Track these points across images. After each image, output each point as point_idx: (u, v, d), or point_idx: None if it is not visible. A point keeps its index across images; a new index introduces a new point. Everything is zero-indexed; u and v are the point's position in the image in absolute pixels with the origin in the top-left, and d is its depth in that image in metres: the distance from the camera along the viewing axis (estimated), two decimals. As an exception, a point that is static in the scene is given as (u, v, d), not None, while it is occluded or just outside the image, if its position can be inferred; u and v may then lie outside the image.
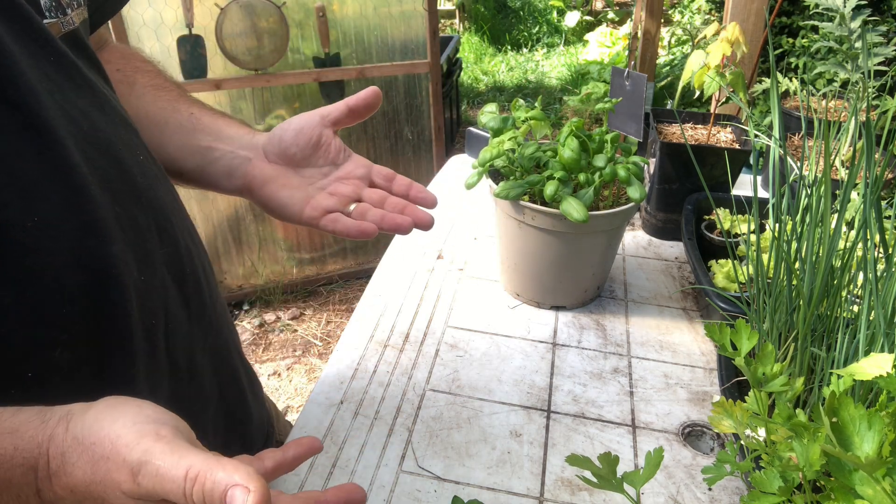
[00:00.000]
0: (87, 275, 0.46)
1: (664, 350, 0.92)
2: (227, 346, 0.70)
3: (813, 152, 0.72)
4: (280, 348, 2.56)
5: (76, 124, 0.48)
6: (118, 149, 0.52)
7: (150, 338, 0.53)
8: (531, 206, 0.87)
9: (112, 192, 0.50)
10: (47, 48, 0.48)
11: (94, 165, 0.48)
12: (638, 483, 0.54)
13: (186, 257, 0.60)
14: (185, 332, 0.59)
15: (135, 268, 0.51)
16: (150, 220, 0.55)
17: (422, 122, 2.66)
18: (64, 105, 0.48)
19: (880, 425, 0.41)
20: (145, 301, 0.52)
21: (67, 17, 0.52)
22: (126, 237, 0.50)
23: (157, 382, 0.55)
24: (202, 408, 0.64)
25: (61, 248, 0.45)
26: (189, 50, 2.16)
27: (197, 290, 0.62)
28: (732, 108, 1.74)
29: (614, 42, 5.63)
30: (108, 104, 0.54)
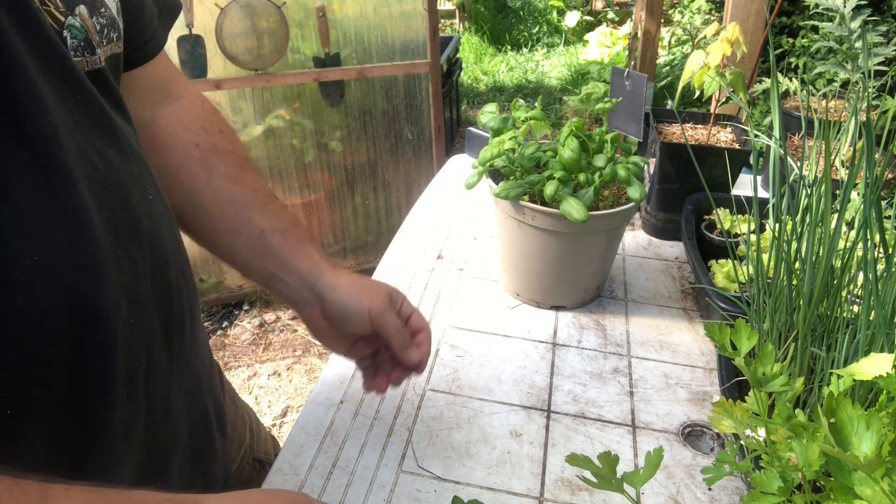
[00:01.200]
0: (77, 316, 0.46)
1: (664, 350, 0.92)
2: (201, 386, 0.70)
3: (813, 152, 0.72)
4: (280, 348, 2.56)
5: (92, 164, 0.48)
6: (129, 189, 0.53)
7: (132, 380, 0.53)
8: (531, 206, 0.87)
9: (117, 233, 0.50)
10: (75, 86, 0.48)
11: (104, 206, 0.49)
12: (638, 483, 0.54)
13: (176, 299, 0.60)
14: (164, 374, 0.59)
15: (125, 311, 0.51)
16: (148, 262, 0.55)
17: (422, 122, 2.66)
18: (82, 144, 0.48)
19: (878, 426, 0.41)
20: (132, 343, 0.52)
21: (95, 57, 0.53)
22: (122, 280, 0.50)
23: (132, 424, 0.55)
24: (173, 448, 0.64)
25: (54, 287, 0.44)
26: (189, 50, 2.16)
27: (180, 333, 0.61)
28: (732, 108, 1.74)
29: (614, 42, 5.63)
30: (125, 143, 0.54)
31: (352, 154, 2.62)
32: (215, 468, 0.73)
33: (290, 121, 2.46)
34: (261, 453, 0.91)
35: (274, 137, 2.46)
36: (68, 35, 0.49)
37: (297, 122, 2.47)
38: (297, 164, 2.55)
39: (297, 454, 0.74)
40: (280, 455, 0.74)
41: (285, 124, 2.46)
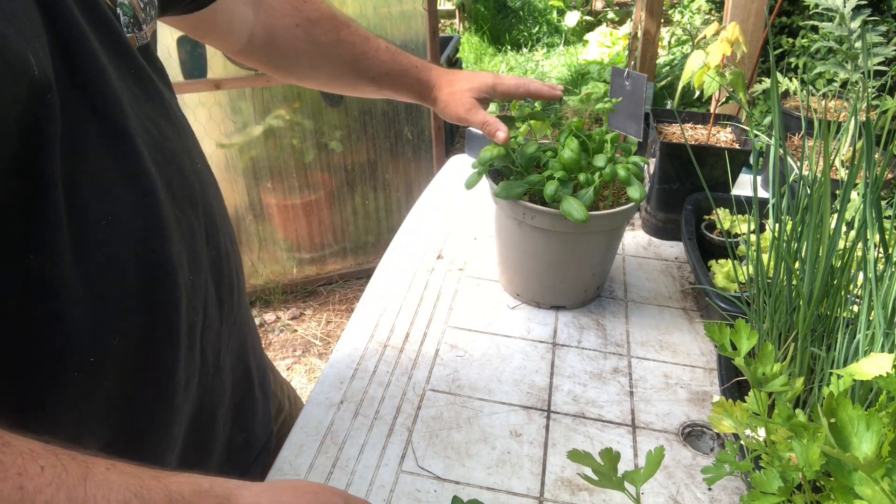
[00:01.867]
0: (148, 271, 0.50)
1: (664, 350, 0.92)
2: (245, 345, 0.74)
3: (813, 152, 0.72)
4: (280, 348, 2.56)
5: (149, 133, 0.52)
6: (181, 156, 0.57)
7: (191, 333, 0.57)
8: (531, 206, 0.87)
9: (174, 196, 0.54)
10: (129, 61, 0.52)
11: (162, 171, 0.53)
12: (638, 482, 0.54)
13: (226, 261, 0.64)
14: (216, 330, 0.63)
15: (187, 268, 0.55)
16: (202, 224, 0.59)
17: (422, 122, 2.66)
18: (140, 115, 0.52)
19: (878, 426, 0.41)
20: (192, 299, 0.56)
21: (142, 32, 0.56)
22: (182, 239, 0.54)
23: (191, 375, 0.59)
24: (220, 401, 0.67)
25: (128, 245, 0.48)
26: (189, 50, 2.16)
27: (230, 292, 0.66)
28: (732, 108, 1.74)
29: (614, 42, 5.63)
30: (174, 115, 0.59)
31: (352, 154, 2.62)
32: (256, 427, 0.78)
33: (290, 121, 2.46)
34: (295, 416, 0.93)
35: (274, 137, 2.46)
36: (121, 13, 0.53)
37: (297, 122, 2.47)
38: (297, 164, 2.54)
39: (297, 454, 0.74)
40: (280, 455, 0.74)
41: (285, 124, 2.46)
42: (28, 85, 0.40)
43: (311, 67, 0.88)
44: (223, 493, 0.44)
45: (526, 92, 0.92)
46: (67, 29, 0.45)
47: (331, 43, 0.86)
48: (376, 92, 0.93)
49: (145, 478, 0.41)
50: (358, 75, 0.89)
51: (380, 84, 0.91)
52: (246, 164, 2.47)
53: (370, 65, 0.89)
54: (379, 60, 0.89)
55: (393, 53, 0.90)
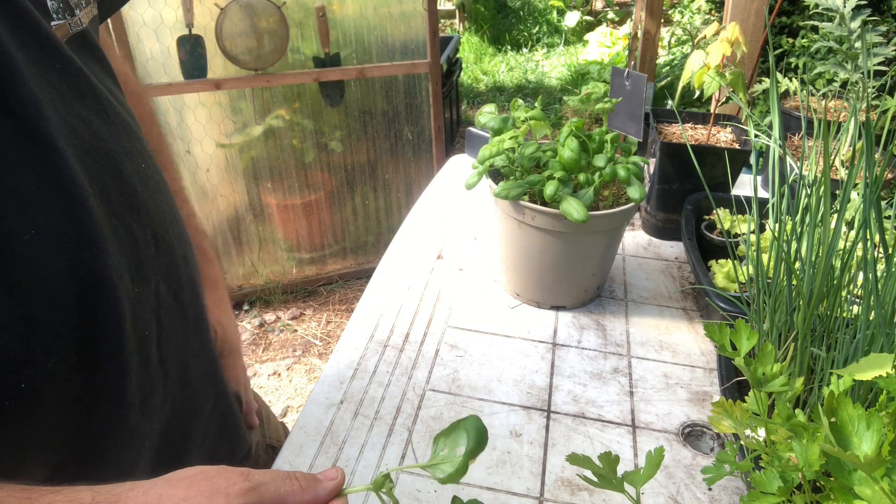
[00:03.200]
0: (82, 286, 0.46)
1: (664, 350, 0.92)
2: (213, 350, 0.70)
3: (813, 152, 0.72)
4: (280, 348, 2.56)
5: (78, 135, 0.48)
6: (119, 158, 0.53)
7: (143, 348, 0.53)
8: (531, 206, 0.87)
9: (110, 203, 0.50)
10: (53, 55, 0.48)
11: (93, 177, 0.49)
12: (638, 483, 0.54)
13: (182, 266, 0.60)
14: (179, 342, 0.59)
15: (129, 279, 0.51)
16: (147, 230, 0.55)
17: (422, 122, 2.66)
18: (66, 115, 0.47)
19: (879, 425, 0.41)
20: (138, 312, 0.52)
21: (76, 18, 0.52)
22: (122, 249, 0.51)
23: (149, 391, 0.55)
24: (194, 414, 0.64)
25: (57, 259, 0.45)
26: (189, 50, 2.16)
27: (194, 299, 0.62)
28: (732, 108, 1.74)
29: (614, 42, 5.63)
30: (112, 111, 0.54)
31: (352, 154, 2.62)
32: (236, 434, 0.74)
33: (290, 121, 2.46)
34: (272, 439, 0.91)
35: (274, 137, 2.46)
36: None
37: (297, 122, 2.47)
38: (297, 164, 2.54)
39: (297, 454, 0.74)
40: (280, 455, 0.74)
41: (285, 124, 2.46)
42: None
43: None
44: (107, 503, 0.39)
45: None
46: None
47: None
48: None
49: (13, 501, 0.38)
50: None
51: None
52: (246, 164, 2.47)
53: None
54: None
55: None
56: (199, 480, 0.41)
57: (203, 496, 0.40)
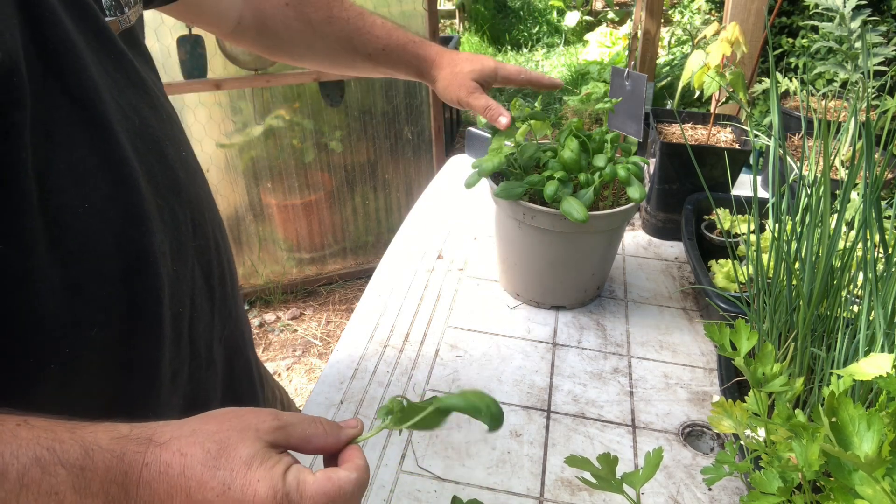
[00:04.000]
0: (127, 261, 0.49)
1: (664, 350, 0.92)
2: (244, 337, 0.73)
3: (813, 152, 0.72)
4: (280, 348, 2.56)
5: (129, 120, 0.51)
6: (164, 145, 0.56)
7: (177, 325, 0.56)
8: (531, 206, 0.87)
9: (156, 185, 0.53)
10: (109, 46, 0.51)
11: (142, 159, 0.51)
12: (637, 483, 0.54)
13: (214, 251, 0.63)
14: (207, 322, 0.62)
15: (170, 258, 0.54)
16: (187, 213, 0.58)
17: (422, 122, 2.66)
18: (120, 101, 0.51)
19: (879, 425, 0.41)
20: (175, 290, 0.55)
21: (125, 16, 0.55)
22: (165, 228, 0.53)
23: (178, 367, 0.58)
24: (214, 395, 0.66)
25: (107, 234, 0.47)
26: (189, 50, 2.16)
27: (221, 283, 0.65)
28: (732, 108, 1.74)
29: (614, 42, 5.63)
30: (157, 101, 0.57)
31: (352, 154, 2.62)
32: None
33: (290, 121, 2.46)
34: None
35: (274, 137, 2.46)
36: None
37: (297, 122, 2.47)
38: (297, 164, 2.54)
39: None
40: (280, 455, 0.74)
41: (285, 124, 2.46)
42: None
43: (304, 47, 0.86)
44: (144, 435, 0.41)
45: (527, 80, 0.90)
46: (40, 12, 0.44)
47: (323, 21, 0.84)
48: (373, 69, 0.90)
49: (59, 431, 0.39)
50: (353, 52, 0.87)
51: (377, 61, 0.88)
52: (246, 164, 2.47)
53: (366, 41, 0.86)
54: (374, 36, 0.87)
55: (389, 29, 0.88)
56: (230, 417, 0.43)
57: (235, 430, 0.42)
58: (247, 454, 0.41)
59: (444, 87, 0.89)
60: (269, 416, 0.44)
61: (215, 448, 0.41)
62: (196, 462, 0.40)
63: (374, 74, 0.92)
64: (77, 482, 0.38)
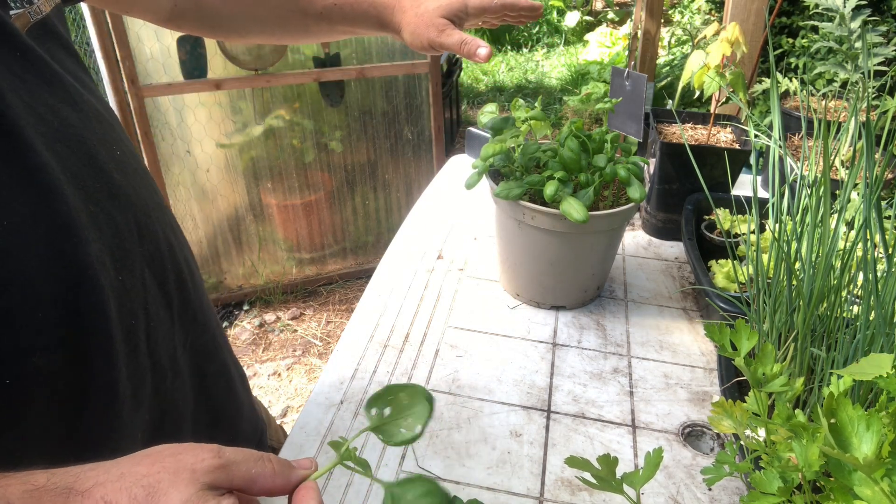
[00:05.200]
0: (62, 278, 0.45)
1: (664, 350, 0.92)
2: (216, 341, 0.69)
3: (813, 152, 0.72)
4: (280, 348, 2.56)
5: (45, 122, 0.47)
6: (92, 145, 0.51)
7: (131, 338, 0.52)
8: (531, 206, 0.87)
9: (86, 190, 0.49)
10: (12, 43, 0.46)
11: (66, 164, 0.47)
12: (637, 484, 0.54)
13: (168, 254, 0.59)
14: (166, 331, 0.58)
15: (112, 268, 0.50)
16: (130, 217, 0.53)
17: (422, 122, 2.66)
18: (31, 102, 0.46)
19: (879, 426, 0.41)
20: (124, 302, 0.51)
21: (34, 6, 0.50)
22: (102, 237, 0.49)
23: (139, 381, 0.54)
24: (184, 405, 0.63)
25: (34, 251, 0.43)
26: (189, 50, 2.16)
27: (179, 288, 0.60)
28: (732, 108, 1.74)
29: (614, 42, 5.63)
30: (80, 98, 0.52)
31: (352, 154, 2.62)
32: (243, 426, 0.72)
33: (290, 121, 2.46)
34: (273, 441, 0.91)
35: (274, 137, 2.46)
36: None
37: (297, 122, 2.47)
38: (297, 164, 2.54)
39: (298, 454, 0.74)
40: (280, 454, 0.74)
41: (285, 124, 2.46)
42: None
43: (248, 19, 0.80)
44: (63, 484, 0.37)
45: (501, 4, 0.80)
46: None
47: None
48: (330, 29, 0.82)
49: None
50: (303, 14, 0.80)
51: (331, 19, 0.80)
52: (246, 164, 2.47)
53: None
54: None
55: None
56: (164, 457, 0.39)
57: (167, 472, 0.38)
58: (178, 500, 0.37)
59: (411, 33, 0.78)
60: (209, 454, 0.40)
61: (143, 494, 0.37)
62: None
63: (333, 36, 0.84)
64: None
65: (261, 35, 0.83)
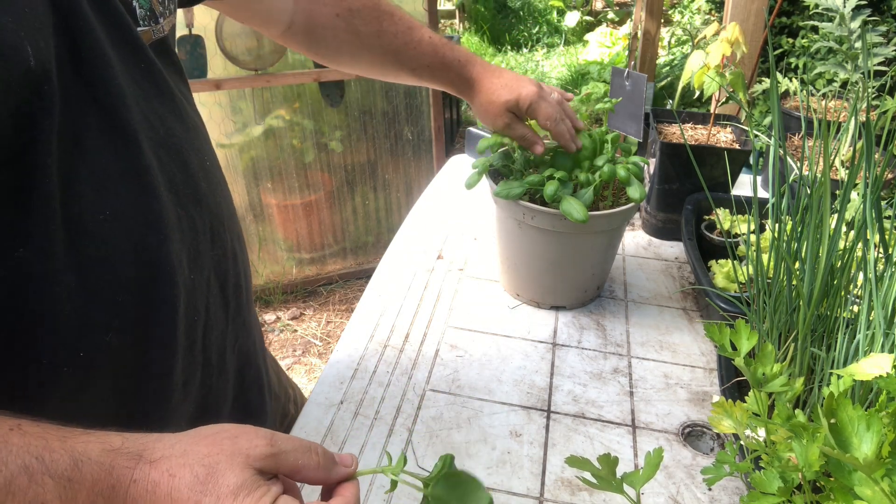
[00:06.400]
0: (144, 268, 0.50)
1: (664, 350, 0.92)
2: (255, 347, 0.74)
3: (813, 152, 0.72)
4: (280, 348, 2.56)
5: (154, 129, 0.52)
6: (188, 154, 0.56)
7: (190, 332, 0.56)
8: (531, 205, 0.87)
9: (177, 194, 0.53)
10: (139, 56, 0.52)
11: (165, 168, 0.52)
12: (638, 483, 0.54)
13: (232, 261, 0.64)
14: (221, 331, 0.62)
15: (186, 267, 0.54)
16: (206, 223, 0.58)
17: (422, 122, 2.66)
18: (146, 110, 0.51)
19: (879, 426, 0.41)
20: (191, 298, 0.55)
21: (159, 26, 0.56)
22: (183, 237, 0.54)
23: (191, 374, 0.58)
24: (224, 402, 0.67)
25: (125, 241, 0.48)
26: (189, 50, 2.16)
27: (236, 293, 0.65)
28: (732, 108, 1.74)
29: (614, 42, 5.63)
30: (184, 111, 0.58)
31: (352, 154, 2.62)
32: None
33: (290, 121, 2.46)
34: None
35: (274, 137, 2.46)
36: (137, 5, 0.53)
37: (297, 122, 2.47)
38: (297, 164, 2.54)
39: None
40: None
41: (285, 124, 2.46)
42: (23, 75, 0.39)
43: (351, 57, 0.89)
44: (134, 450, 0.41)
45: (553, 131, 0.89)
46: (74, 21, 0.45)
47: (371, 34, 0.86)
48: (416, 81, 0.93)
49: (51, 439, 0.39)
50: (399, 66, 0.90)
51: (420, 75, 0.91)
52: (246, 164, 2.47)
53: (412, 56, 0.88)
54: (421, 52, 0.88)
55: (436, 46, 0.89)
56: (223, 439, 0.43)
57: (225, 455, 0.42)
58: (234, 483, 0.41)
59: (481, 113, 0.93)
60: (263, 442, 0.44)
61: (203, 473, 0.41)
62: (184, 485, 0.40)
63: (415, 84, 0.95)
64: (64, 493, 0.38)
65: (356, 71, 0.93)
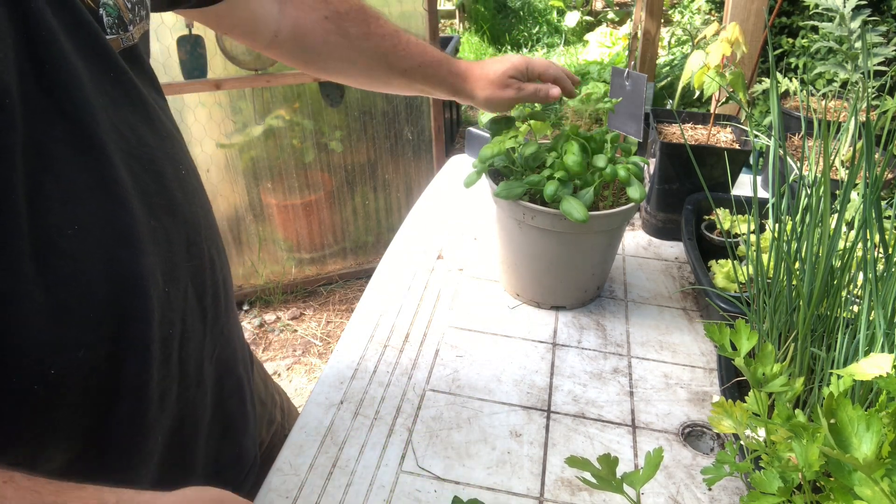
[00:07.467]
0: (116, 282, 0.48)
1: (664, 350, 0.92)
2: (235, 356, 0.72)
3: (813, 152, 0.72)
4: (280, 348, 2.56)
5: (125, 139, 0.51)
6: (162, 163, 0.55)
7: (166, 346, 0.55)
8: (531, 206, 0.87)
9: (150, 205, 0.52)
10: (107, 64, 0.50)
11: (137, 179, 0.51)
12: (638, 483, 0.54)
13: (210, 270, 0.62)
14: (198, 342, 0.61)
15: (161, 279, 0.53)
16: (182, 233, 0.57)
17: (422, 122, 2.66)
18: (115, 120, 0.50)
19: (879, 426, 0.41)
20: (166, 312, 0.54)
21: (128, 34, 0.55)
22: (157, 250, 0.53)
23: (167, 387, 0.57)
24: (203, 414, 0.65)
25: (96, 255, 0.47)
26: (189, 50, 2.16)
27: (214, 303, 0.64)
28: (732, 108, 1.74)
29: (614, 42, 5.63)
30: (157, 119, 0.57)
31: (352, 154, 2.62)
32: (247, 442, 0.75)
33: (290, 121, 2.46)
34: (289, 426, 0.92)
35: (274, 137, 2.46)
36: (104, 13, 0.51)
37: (297, 122, 2.47)
38: (297, 164, 2.54)
39: (297, 454, 0.74)
40: (280, 455, 0.74)
41: (285, 124, 2.46)
42: None
43: (341, 61, 0.88)
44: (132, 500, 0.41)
45: (553, 77, 0.92)
46: (36, 30, 0.43)
47: (361, 36, 0.86)
48: (408, 86, 0.92)
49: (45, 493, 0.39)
50: (389, 69, 0.89)
51: (412, 77, 0.90)
52: (246, 164, 2.47)
53: (402, 57, 0.88)
54: (410, 53, 0.88)
55: (423, 47, 0.90)
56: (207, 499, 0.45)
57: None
58: None
59: (487, 99, 0.92)
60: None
61: None
62: None
63: (409, 92, 0.94)
64: None
65: (347, 78, 0.92)
